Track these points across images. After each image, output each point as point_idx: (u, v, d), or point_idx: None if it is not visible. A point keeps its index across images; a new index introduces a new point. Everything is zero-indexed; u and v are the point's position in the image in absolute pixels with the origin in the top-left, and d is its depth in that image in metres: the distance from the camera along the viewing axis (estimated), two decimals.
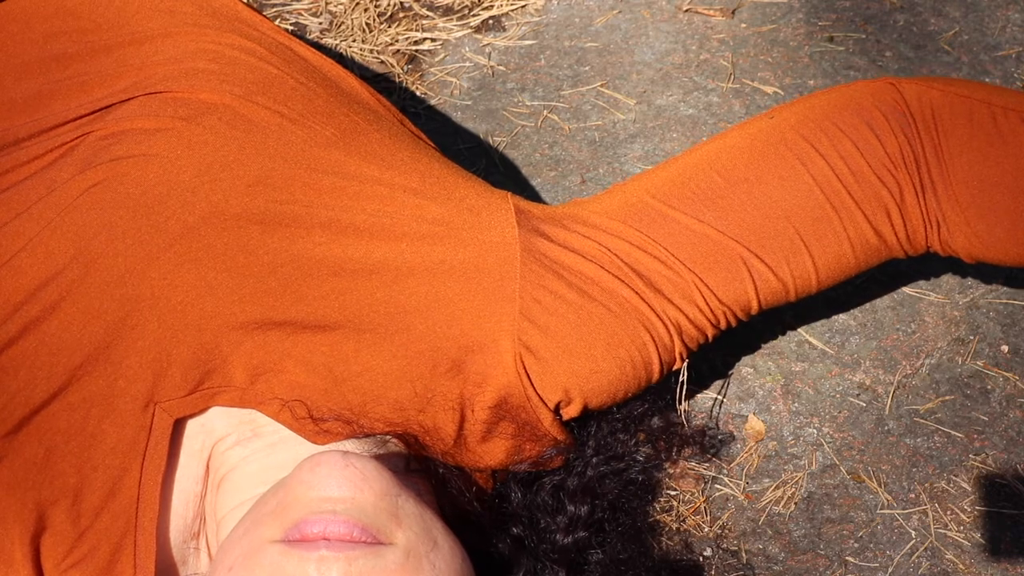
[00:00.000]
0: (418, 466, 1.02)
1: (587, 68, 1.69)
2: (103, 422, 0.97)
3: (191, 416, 1.01)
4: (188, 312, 0.99)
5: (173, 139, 1.02)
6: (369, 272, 1.01)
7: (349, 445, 1.01)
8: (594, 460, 1.11)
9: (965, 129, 1.09)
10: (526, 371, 1.02)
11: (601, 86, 1.67)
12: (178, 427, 1.01)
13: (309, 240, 1.00)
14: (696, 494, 1.29)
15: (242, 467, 1.01)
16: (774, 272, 1.09)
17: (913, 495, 1.29)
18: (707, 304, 1.07)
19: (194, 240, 0.99)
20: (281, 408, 1.00)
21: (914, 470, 1.30)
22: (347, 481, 0.91)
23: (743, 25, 1.73)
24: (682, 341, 1.08)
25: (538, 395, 1.02)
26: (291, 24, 1.76)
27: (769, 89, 1.65)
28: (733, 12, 1.75)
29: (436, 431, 1.02)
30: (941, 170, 1.09)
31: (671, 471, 1.30)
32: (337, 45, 1.72)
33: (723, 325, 1.11)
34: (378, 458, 0.97)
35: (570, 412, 1.07)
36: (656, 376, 1.09)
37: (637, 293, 1.04)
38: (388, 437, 1.02)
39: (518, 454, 1.06)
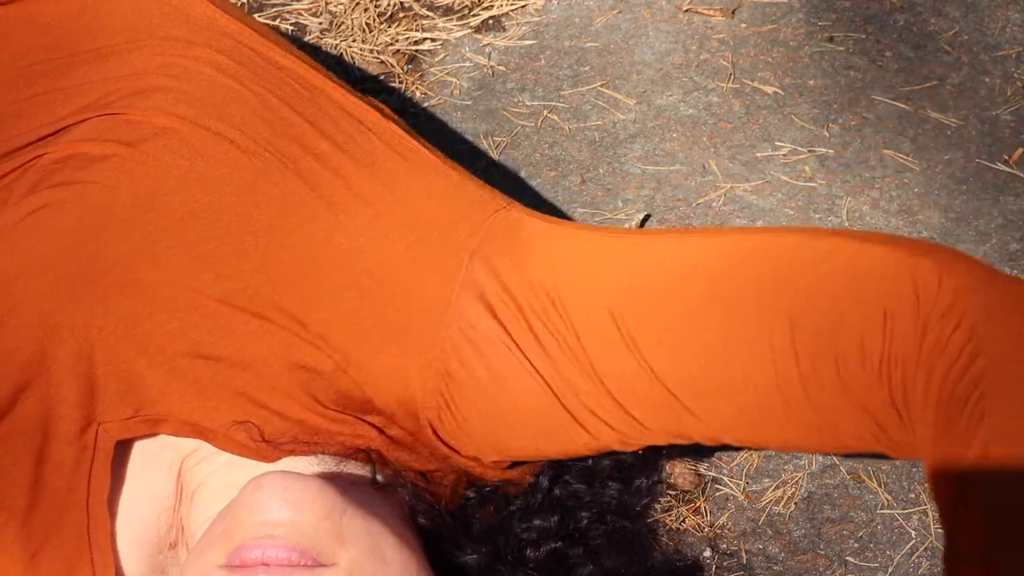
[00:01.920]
0: (384, 480, 1.01)
1: (587, 68, 1.69)
2: (47, 443, 0.97)
3: (137, 439, 1.01)
4: (119, 342, 0.97)
5: (115, 167, 1.01)
6: (297, 318, 0.98)
7: (305, 461, 0.99)
8: (558, 476, 1.08)
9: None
10: (433, 428, 0.99)
11: (601, 86, 1.67)
12: (142, 444, 1.01)
13: (238, 279, 0.98)
14: (696, 494, 1.29)
15: (208, 483, 1.01)
16: (706, 427, 0.96)
17: (913, 495, 1.29)
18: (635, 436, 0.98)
19: (124, 272, 0.98)
20: (226, 433, 0.98)
21: (914, 470, 1.30)
22: (287, 503, 0.90)
23: (743, 25, 1.73)
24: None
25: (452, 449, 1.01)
26: (291, 24, 1.76)
27: (769, 89, 1.65)
28: (733, 12, 1.75)
29: (394, 446, 1.01)
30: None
31: (669, 471, 1.30)
32: (337, 45, 1.72)
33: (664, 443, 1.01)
34: (331, 475, 0.96)
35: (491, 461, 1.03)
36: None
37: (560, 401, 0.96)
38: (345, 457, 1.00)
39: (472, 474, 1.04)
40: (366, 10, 1.75)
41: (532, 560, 1.04)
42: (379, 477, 1.00)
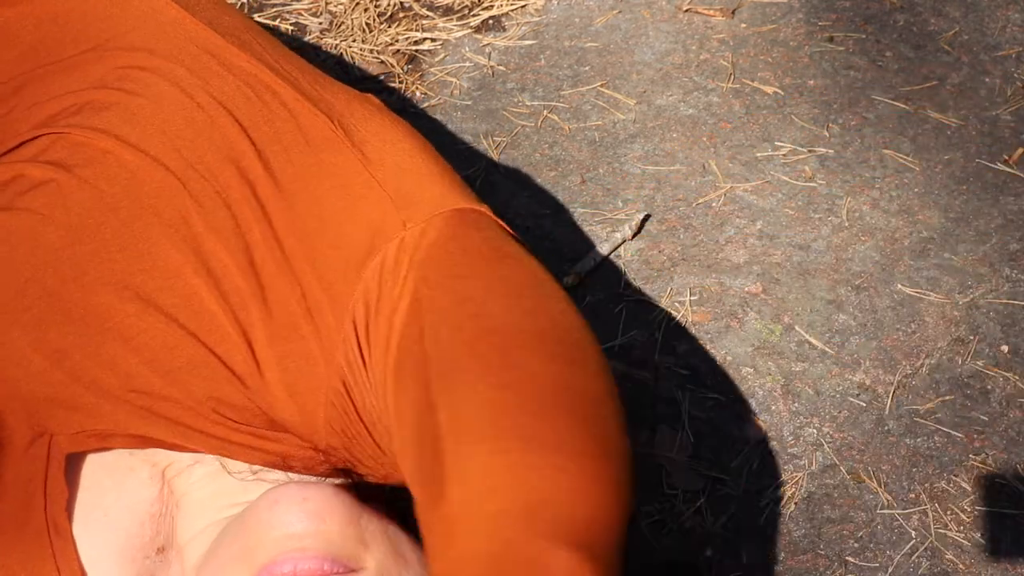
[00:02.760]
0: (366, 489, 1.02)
1: (587, 68, 1.69)
2: (1, 457, 0.97)
3: (92, 457, 1.01)
4: (52, 374, 0.97)
5: (50, 194, 1.00)
6: (216, 356, 0.98)
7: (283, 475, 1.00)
8: None
9: None
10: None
11: (601, 86, 1.67)
12: (118, 459, 1.01)
13: (163, 311, 0.98)
14: (696, 494, 1.29)
15: (191, 493, 1.01)
16: None
17: (913, 495, 1.29)
18: None
19: (53, 303, 0.97)
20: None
21: (914, 470, 1.30)
22: (309, 514, 0.90)
23: (743, 25, 1.73)
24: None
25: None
26: (291, 24, 1.76)
27: (769, 89, 1.65)
28: (733, 12, 1.75)
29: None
30: None
31: (669, 469, 1.30)
32: (337, 45, 1.72)
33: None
34: (339, 484, 0.96)
35: None
36: None
37: None
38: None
39: None
40: (366, 10, 1.75)
41: None
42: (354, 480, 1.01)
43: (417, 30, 1.74)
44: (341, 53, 1.71)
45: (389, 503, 1.01)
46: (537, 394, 0.86)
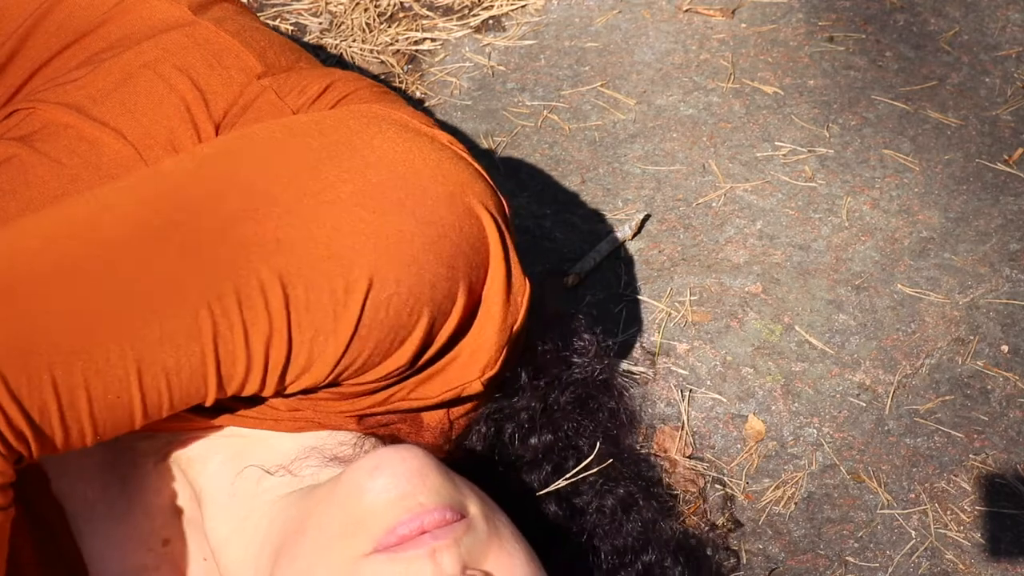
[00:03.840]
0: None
1: (587, 68, 1.69)
2: None
3: (82, 458, 1.01)
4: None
5: (13, 170, 1.02)
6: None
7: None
8: (534, 389, 1.10)
9: None
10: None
11: (601, 86, 1.67)
12: (119, 453, 1.02)
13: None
14: (696, 494, 1.29)
15: (214, 482, 1.01)
16: None
17: (913, 495, 1.29)
18: None
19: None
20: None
21: (914, 470, 1.30)
22: (414, 473, 0.91)
23: (743, 25, 1.73)
24: None
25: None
26: (291, 24, 1.76)
27: (769, 89, 1.65)
28: (733, 12, 1.75)
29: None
30: None
31: (669, 469, 1.30)
32: (337, 45, 1.72)
33: None
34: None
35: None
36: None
37: None
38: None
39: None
40: (366, 10, 1.75)
41: (539, 483, 1.08)
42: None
43: (417, 30, 1.74)
44: (341, 53, 1.71)
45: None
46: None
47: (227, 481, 1.01)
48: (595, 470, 1.09)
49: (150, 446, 1.03)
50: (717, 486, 1.30)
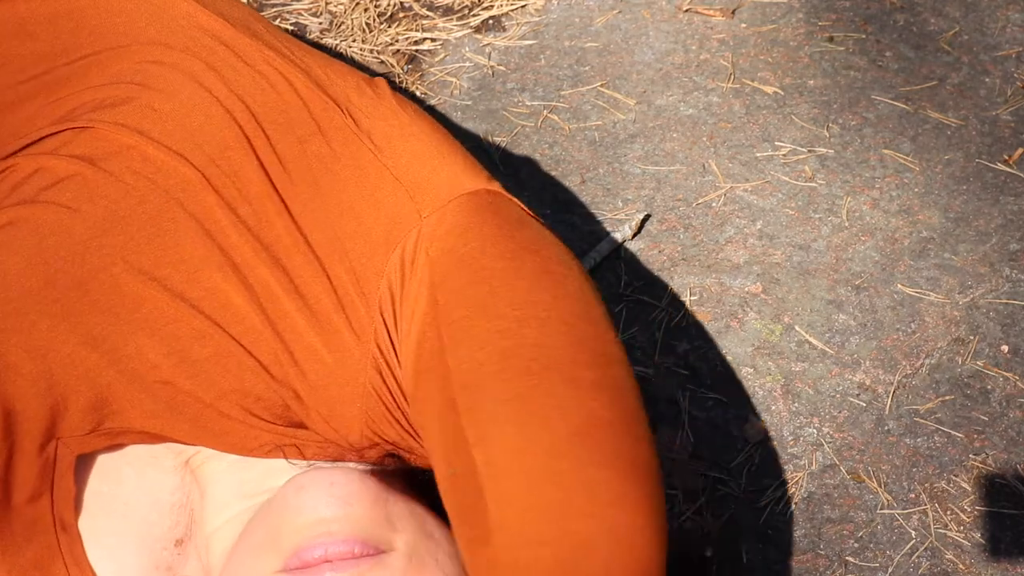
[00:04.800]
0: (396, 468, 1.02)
1: (587, 68, 1.69)
2: (12, 458, 0.97)
3: (111, 451, 1.01)
4: (76, 364, 0.98)
5: (76, 188, 1.01)
6: (244, 343, 0.99)
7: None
8: None
9: None
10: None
11: (601, 86, 1.67)
12: (143, 447, 1.02)
13: (191, 304, 0.99)
14: (696, 494, 1.29)
15: (219, 480, 1.02)
16: None
17: (913, 495, 1.29)
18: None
19: (83, 295, 0.98)
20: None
21: (914, 470, 1.30)
22: (336, 499, 0.91)
23: (743, 25, 1.73)
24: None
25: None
26: (291, 24, 1.76)
27: (769, 89, 1.65)
28: (733, 12, 1.75)
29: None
30: None
31: (669, 470, 1.30)
32: (337, 45, 1.72)
33: None
34: (363, 468, 0.97)
35: None
36: None
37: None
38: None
39: None
40: (366, 10, 1.75)
41: None
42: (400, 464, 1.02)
43: (417, 30, 1.74)
44: (341, 53, 1.71)
45: (414, 484, 1.02)
46: (568, 431, 0.87)
47: (234, 480, 1.01)
48: None
49: (165, 445, 1.03)
50: (717, 486, 1.30)
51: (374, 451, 1.00)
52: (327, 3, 1.77)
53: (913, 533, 1.26)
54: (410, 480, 1.02)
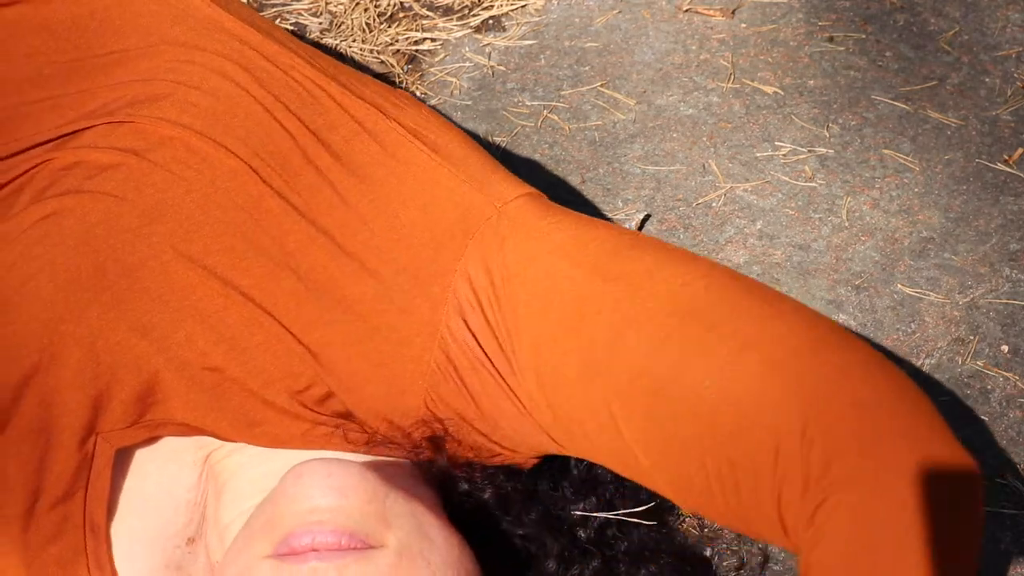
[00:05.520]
0: (424, 463, 1.03)
1: (587, 68, 1.69)
2: (48, 453, 0.98)
3: (139, 445, 1.01)
4: (124, 353, 0.98)
5: (123, 177, 1.01)
6: (295, 336, 1.00)
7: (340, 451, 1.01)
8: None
9: None
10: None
11: (601, 86, 1.67)
12: (166, 440, 1.02)
13: (241, 292, 1.00)
14: None
15: (240, 474, 1.02)
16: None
17: None
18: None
19: (133, 282, 0.99)
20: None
21: None
22: (331, 490, 0.91)
23: (743, 25, 1.73)
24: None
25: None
26: (291, 24, 1.76)
27: (769, 89, 1.65)
28: (733, 12, 1.75)
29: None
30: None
31: None
32: (337, 45, 1.72)
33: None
34: (370, 461, 0.97)
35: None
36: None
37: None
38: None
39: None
40: (366, 10, 1.75)
41: (583, 538, 1.08)
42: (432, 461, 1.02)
43: (417, 30, 1.74)
44: (341, 53, 1.71)
45: (425, 482, 1.02)
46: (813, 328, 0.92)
47: (255, 473, 1.02)
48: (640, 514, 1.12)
49: (192, 439, 1.03)
50: None
51: (420, 431, 1.00)
52: (327, 3, 1.77)
53: None
54: (421, 478, 1.02)
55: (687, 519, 1.27)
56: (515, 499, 1.06)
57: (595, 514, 1.10)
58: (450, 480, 1.03)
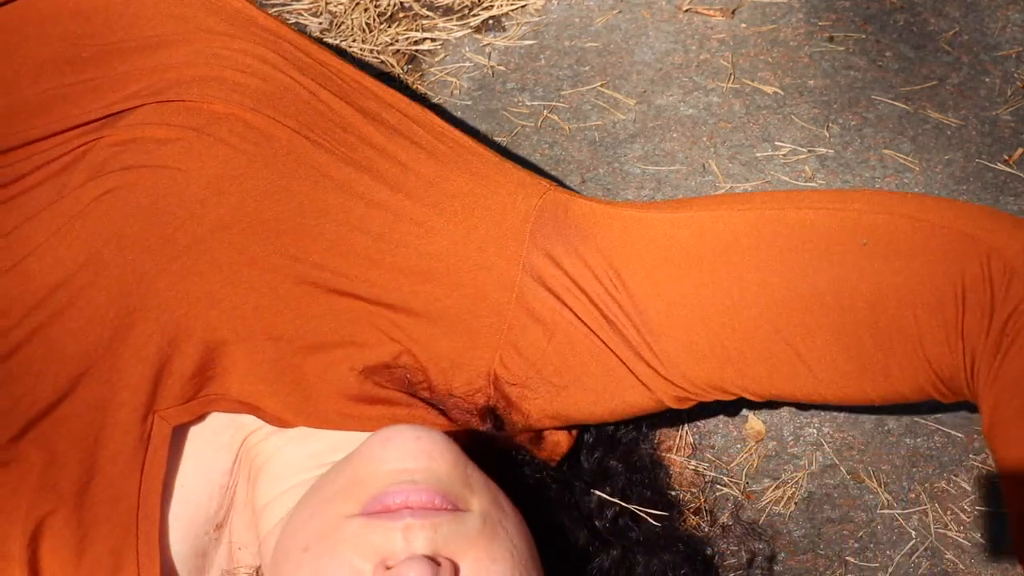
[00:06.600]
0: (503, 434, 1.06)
1: (587, 68, 1.69)
2: (104, 430, 0.98)
3: (192, 422, 1.02)
4: (192, 323, 1.00)
5: (183, 150, 1.02)
6: (367, 299, 1.01)
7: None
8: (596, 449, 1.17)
9: None
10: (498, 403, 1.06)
11: (601, 86, 1.67)
12: (204, 422, 1.02)
13: (310, 259, 1.01)
14: (696, 494, 1.29)
15: (279, 456, 1.03)
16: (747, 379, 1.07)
17: (913, 495, 1.29)
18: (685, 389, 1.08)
19: (202, 252, 1.00)
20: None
21: (914, 470, 1.30)
22: (421, 452, 0.93)
23: (743, 25, 1.73)
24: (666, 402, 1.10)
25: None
26: (291, 24, 1.76)
27: (769, 89, 1.65)
28: (733, 12, 1.75)
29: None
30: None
31: (673, 469, 1.30)
32: (337, 45, 1.72)
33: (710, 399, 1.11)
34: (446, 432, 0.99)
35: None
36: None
37: (624, 363, 1.06)
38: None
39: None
40: (366, 10, 1.75)
41: (601, 528, 1.11)
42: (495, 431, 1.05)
43: (417, 30, 1.74)
44: (341, 53, 1.71)
45: (490, 463, 1.04)
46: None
47: (296, 454, 1.02)
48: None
49: (229, 419, 1.04)
50: (717, 486, 1.30)
51: (481, 396, 1.04)
52: (327, 3, 1.77)
53: (913, 533, 1.26)
54: (484, 457, 1.04)
55: (686, 519, 1.27)
56: (551, 485, 1.09)
57: (608, 498, 1.12)
58: (506, 459, 1.05)
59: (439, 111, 1.65)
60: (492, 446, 1.05)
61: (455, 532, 0.90)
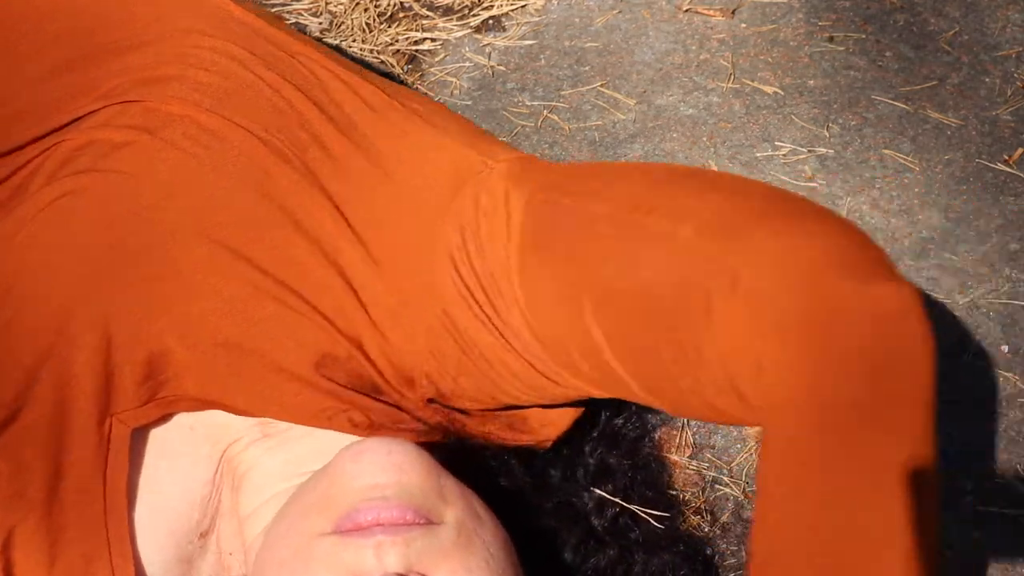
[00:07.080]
0: (449, 448, 1.05)
1: (587, 68, 1.69)
2: (65, 436, 0.98)
3: (156, 424, 1.02)
4: (141, 328, 0.99)
5: (135, 154, 1.02)
6: (312, 303, 1.01)
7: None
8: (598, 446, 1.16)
9: None
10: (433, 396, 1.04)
11: (601, 86, 1.67)
12: (180, 434, 1.02)
13: (257, 264, 1.01)
14: (696, 494, 1.29)
15: (260, 466, 1.03)
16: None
17: None
18: None
19: (147, 260, 0.99)
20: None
21: None
22: (392, 466, 0.92)
23: (743, 25, 1.73)
24: None
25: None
26: (291, 24, 1.76)
27: (769, 89, 1.65)
28: (733, 12, 1.75)
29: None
30: None
31: (671, 471, 1.30)
32: (337, 45, 1.72)
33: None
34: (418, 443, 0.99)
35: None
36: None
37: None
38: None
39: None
40: (366, 10, 1.75)
41: (599, 528, 1.10)
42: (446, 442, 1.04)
43: (417, 30, 1.74)
44: (341, 53, 1.71)
45: (463, 470, 1.03)
46: (763, 194, 0.91)
47: (275, 462, 1.02)
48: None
49: (207, 431, 1.04)
50: (717, 486, 1.30)
51: (432, 414, 1.02)
52: (327, 3, 1.77)
53: None
54: (459, 465, 1.03)
55: (688, 519, 1.27)
56: (530, 488, 1.08)
57: (610, 497, 1.11)
58: (473, 464, 1.04)
59: None
60: (468, 450, 1.04)
61: (428, 546, 0.89)
